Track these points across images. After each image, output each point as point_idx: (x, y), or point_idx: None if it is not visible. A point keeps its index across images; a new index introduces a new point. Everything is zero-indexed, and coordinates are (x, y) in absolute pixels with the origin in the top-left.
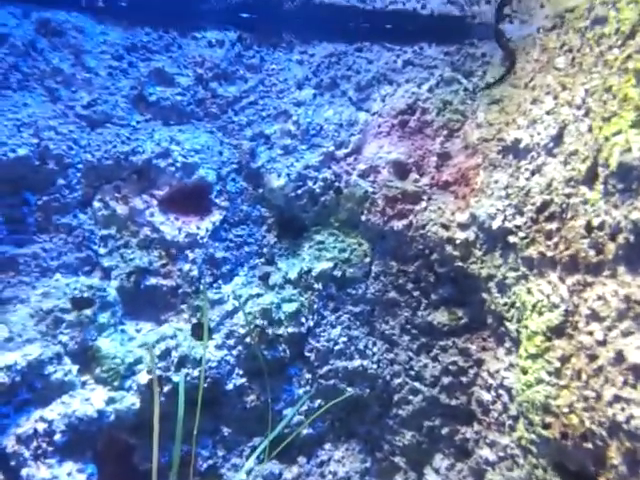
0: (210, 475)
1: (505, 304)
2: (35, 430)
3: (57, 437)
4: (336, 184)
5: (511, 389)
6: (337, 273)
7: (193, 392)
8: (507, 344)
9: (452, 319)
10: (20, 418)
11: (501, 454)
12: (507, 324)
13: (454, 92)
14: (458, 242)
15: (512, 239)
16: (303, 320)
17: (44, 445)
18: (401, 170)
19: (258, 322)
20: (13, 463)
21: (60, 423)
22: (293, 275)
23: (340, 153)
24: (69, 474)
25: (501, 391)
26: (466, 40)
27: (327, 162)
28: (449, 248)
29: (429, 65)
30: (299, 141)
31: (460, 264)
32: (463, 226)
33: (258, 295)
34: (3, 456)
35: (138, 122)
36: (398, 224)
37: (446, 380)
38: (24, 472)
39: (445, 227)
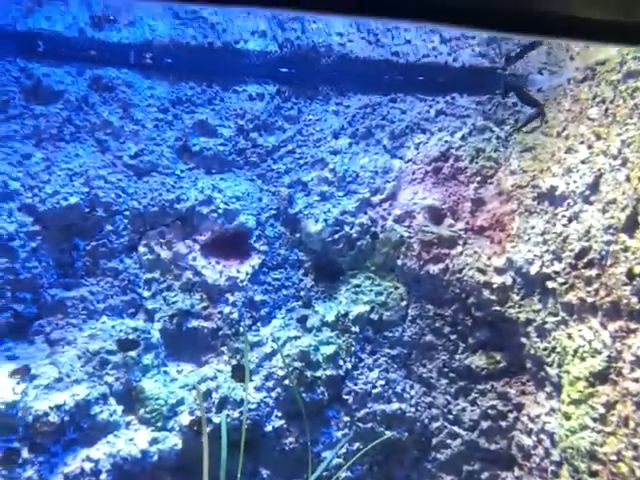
0: None
1: (545, 349)
2: (82, 469)
3: (103, 477)
4: (372, 229)
5: (553, 434)
6: (374, 316)
7: (233, 433)
8: (548, 388)
9: (490, 363)
10: (67, 457)
11: None
12: (547, 369)
13: (487, 140)
14: (495, 286)
15: (551, 284)
16: (341, 363)
17: None
18: (436, 215)
19: (296, 364)
20: None
21: (106, 463)
22: (330, 318)
23: (376, 199)
24: None
25: (542, 436)
26: (497, 90)
27: (363, 208)
28: (486, 292)
29: (461, 114)
30: (336, 188)
31: (497, 308)
32: (500, 270)
33: (296, 338)
34: None
35: (182, 171)
36: (434, 268)
37: (485, 424)
38: None
39: (482, 271)
